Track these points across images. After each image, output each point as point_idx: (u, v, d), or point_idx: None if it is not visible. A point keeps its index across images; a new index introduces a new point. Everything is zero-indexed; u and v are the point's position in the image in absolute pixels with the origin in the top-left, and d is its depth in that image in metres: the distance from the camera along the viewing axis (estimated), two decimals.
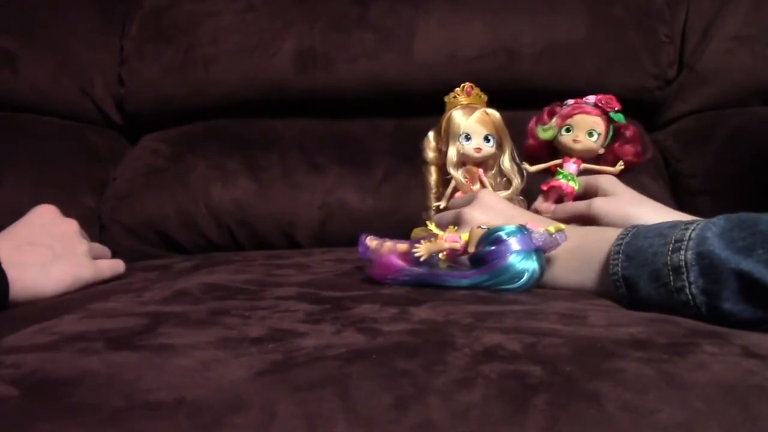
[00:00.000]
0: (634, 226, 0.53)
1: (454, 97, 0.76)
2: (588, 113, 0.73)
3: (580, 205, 0.71)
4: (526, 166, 0.76)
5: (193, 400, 0.32)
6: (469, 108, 0.74)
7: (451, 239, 0.59)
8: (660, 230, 0.50)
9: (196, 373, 0.35)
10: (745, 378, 0.36)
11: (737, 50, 1.09)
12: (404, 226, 0.85)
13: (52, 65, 1.20)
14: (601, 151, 0.75)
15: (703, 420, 0.33)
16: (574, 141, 0.73)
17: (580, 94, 0.76)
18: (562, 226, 0.57)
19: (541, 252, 0.57)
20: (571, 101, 0.75)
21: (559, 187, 0.74)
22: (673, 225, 0.50)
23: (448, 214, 0.69)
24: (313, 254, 0.86)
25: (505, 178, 0.76)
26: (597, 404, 0.33)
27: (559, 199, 0.74)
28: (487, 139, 0.73)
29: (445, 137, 0.74)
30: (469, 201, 0.68)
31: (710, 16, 1.12)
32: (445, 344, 0.39)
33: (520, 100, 1.01)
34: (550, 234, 0.56)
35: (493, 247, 0.56)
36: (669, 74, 1.13)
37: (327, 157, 1.11)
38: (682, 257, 0.47)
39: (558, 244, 0.56)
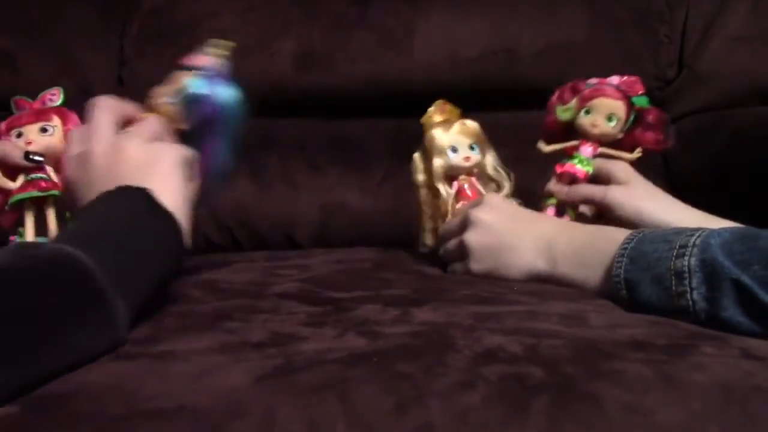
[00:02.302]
0: (640, 231, 0.54)
1: (430, 116, 0.76)
2: (609, 96, 0.72)
3: (595, 191, 0.70)
4: (541, 145, 0.76)
5: (193, 407, 0.32)
6: (446, 123, 0.75)
7: None
8: (665, 236, 0.51)
9: (196, 380, 0.35)
10: (744, 379, 0.36)
11: (737, 50, 1.08)
12: (404, 226, 0.85)
13: (52, 65, 1.20)
14: (620, 135, 0.74)
15: (702, 421, 0.33)
16: (593, 125, 0.72)
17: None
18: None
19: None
20: (594, 80, 0.74)
21: (573, 173, 0.73)
22: (678, 231, 0.50)
23: (456, 219, 0.69)
24: (313, 255, 0.86)
25: (492, 183, 0.76)
26: (597, 405, 0.33)
27: (572, 182, 0.74)
28: (472, 147, 0.74)
29: (429, 155, 0.75)
30: (477, 204, 0.68)
31: (710, 16, 1.12)
32: (445, 346, 0.39)
33: (520, 100, 1.02)
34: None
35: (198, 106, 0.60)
36: (669, 74, 1.13)
37: (327, 158, 1.11)
38: (686, 263, 0.47)
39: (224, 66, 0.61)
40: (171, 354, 0.39)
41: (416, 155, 0.77)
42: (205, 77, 0.62)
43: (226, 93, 0.63)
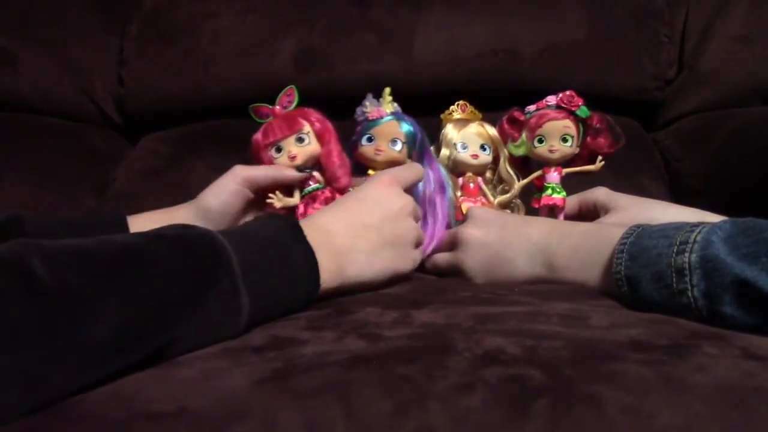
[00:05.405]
0: (639, 226, 0.53)
1: (450, 113, 0.77)
2: (556, 119, 0.72)
3: None
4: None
5: (194, 410, 0.32)
6: (464, 122, 0.75)
7: None
8: (665, 231, 0.50)
9: (197, 383, 0.35)
10: (746, 380, 0.36)
11: (737, 50, 1.09)
12: None
13: (52, 65, 1.20)
14: (577, 150, 0.74)
15: (703, 422, 0.33)
16: (551, 151, 0.72)
17: (579, 93, 0.75)
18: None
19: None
20: (532, 107, 0.74)
21: (555, 204, 0.73)
22: (678, 226, 0.50)
23: (445, 235, 0.70)
24: None
25: (501, 186, 0.77)
26: (597, 408, 0.33)
27: (551, 213, 0.74)
28: (483, 148, 0.74)
29: (441, 146, 0.75)
30: (464, 222, 0.68)
31: (710, 16, 1.12)
32: (445, 348, 0.39)
33: (520, 100, 1.01)
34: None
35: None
36: (669, 74, 1.13)
37: None
38: (686, 260, 0.47)
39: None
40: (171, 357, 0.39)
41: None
42: (402, 119, 0.73)
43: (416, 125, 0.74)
